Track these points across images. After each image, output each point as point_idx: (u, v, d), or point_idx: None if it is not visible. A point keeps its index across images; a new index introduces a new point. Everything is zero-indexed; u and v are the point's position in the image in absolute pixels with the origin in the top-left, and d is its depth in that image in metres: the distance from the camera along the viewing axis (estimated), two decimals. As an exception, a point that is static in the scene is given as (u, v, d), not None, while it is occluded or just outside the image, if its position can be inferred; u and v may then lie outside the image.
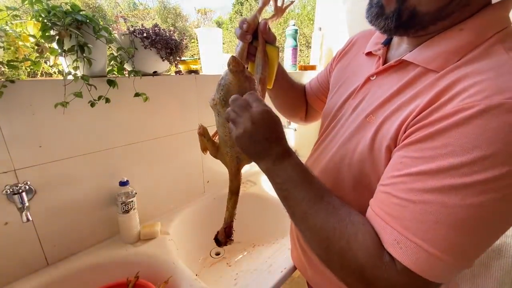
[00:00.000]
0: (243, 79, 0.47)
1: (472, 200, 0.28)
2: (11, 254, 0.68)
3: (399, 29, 0.39)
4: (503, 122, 0.27)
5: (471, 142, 0.28)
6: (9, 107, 0.61)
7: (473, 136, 0.28)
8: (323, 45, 1.62)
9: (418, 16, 0.36)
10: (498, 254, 0.77)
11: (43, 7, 0.61)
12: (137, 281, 0.70)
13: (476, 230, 0.29)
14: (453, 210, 0.29)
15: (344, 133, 0.47)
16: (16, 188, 0.63)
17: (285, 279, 0.75)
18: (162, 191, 0.98)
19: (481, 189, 0.28)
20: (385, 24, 0.39)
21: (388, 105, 0.40)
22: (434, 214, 0.30)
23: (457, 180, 0.29)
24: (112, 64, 0.80)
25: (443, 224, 0.29)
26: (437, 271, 0.30)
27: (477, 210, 0.29)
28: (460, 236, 0.29)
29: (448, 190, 0.29)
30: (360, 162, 0.42)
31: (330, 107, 0.57)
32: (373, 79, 0.46)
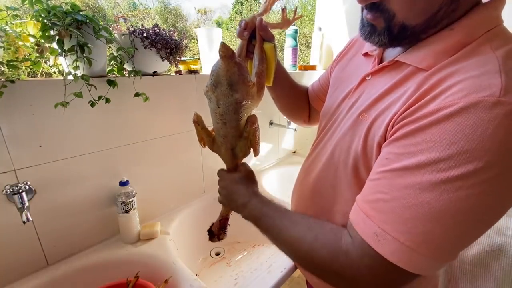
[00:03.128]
0: (232, 64, 0.48)
1: (448, 195, 0.29)
2: (11, 254, 0.68)
3: (393, 42, 0.41)
4: (479, 119, 0.28)
5: (449, 139, 0.29)
6: (9, 107, 0.62)
7: (451, 133, 0.29)
8: (323, 45, 1.62)
9: (408, 29, 0.38)
10: (498, 254, 0.77)
11: (43, 7, 0.61)
12: (137, 281, 0.70)
13: (453, 224, 0.30)
14: (429, 205, 0.30)
15: (340, 132, 0.49)
16: (16, 188, 0.63)
17: (285, 279, 0.75)
18: (162, 191, 0.98)
19: (458, 185, 0.29)
20: (379, 40, 0.41)
21: (379, 103, 0.41)
22: (412, 208, 0.31)
23: (434, 175, 0.30)
24: (112, 64, 0.80)
25: (420, 218, 0.31)
26: (414, 263, 0.31)
27: (453, 205, 0.29)
28: (436, 230, 0.30)
29: (426, 186, 0.30)
30: (354, 160, 0.43)
31: (328, 107, 0.58)
32: (369, 79, 0.47)
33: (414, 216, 0.31)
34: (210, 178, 1.14)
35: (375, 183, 0.36)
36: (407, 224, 0.31)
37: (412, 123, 0.33)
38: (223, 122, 0.55)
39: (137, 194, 0.85)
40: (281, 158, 1.54)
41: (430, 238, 0.31)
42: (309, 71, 1.55)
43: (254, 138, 0.55)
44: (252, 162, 1.33)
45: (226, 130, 0.55)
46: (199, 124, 0.62)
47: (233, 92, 0.51)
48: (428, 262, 0.31)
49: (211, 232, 0.66)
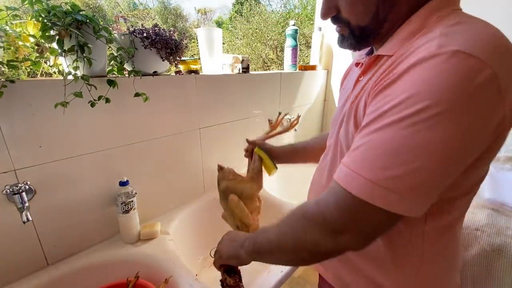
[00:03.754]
0: (220, 172, 0.77)
1: (402, 132, 0.34)
2: (11, 254, 0.68)
3: (361, 43, 0.49)
4: (421, 69, 0.34)
5: (401, 89, 0.36)
6: (9, 107, 0.62)
7: (402, 85, 0.36)
8: (323, 45, 1.63)
9: (365, 29, 0.46)
10: (498, 254, 0.77)
11: (43, 7, 0.61)
12: (137, 281, 0.70)
13: (408, 158, 0.34)
14: (387, 144, 0.35)
15: (344, 127, 0.54)
16: (16, 188, 0.63)
17: (285, 279, 0.76)
18: (162, 191, 0.98)
19: (409, 122, 0.34)
20: (349, 44, 0.50)
21: (363, 90, 0.48)
22: (373, 149, 0.37)
23: (390, 118, 0.35)
24: (112, 64, 0.80)
25: (380, 155, 0.36)
26: (376, 195, 0.35)
27: (407, 141, 0.34)
28: (393, 164, 0.35)
29: (384, 128, 0.36)
30: (352, 139, 0.49)
31: (334, 115, 0.64)
32: (361, 79, 0.53)
33: (374, 154, 0.36)
34: (210, 178, 1.14)
35: (355, 140, 0.42)
36: (370, 162, 0.36)
37: (377, 90, 0.40)
38: (223, 208, 0.76)
39: (137, 194, 0.85)
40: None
41: (389, 173, 0.34)
42: (309, 71, 1.55)
43: (237, 212, 0.69)
44: (252, 162, 1.33)
45: (226, 212, 0.75)
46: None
47: (220, 185, 0.75)
48: (389, 196, 0.35)
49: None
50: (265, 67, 7.08)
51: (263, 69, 7.06)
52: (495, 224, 0.84)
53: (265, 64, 7.12)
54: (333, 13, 0.48)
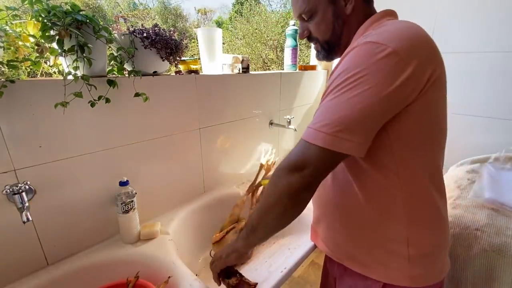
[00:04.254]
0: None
1: (334, 96, 0.49)
2: (11, 254, 0.68)
3: (330, 53, 0.66)
4: (351, 54, 0.50)
5: (339, 69, 0.51)
6: (9, 107, 0.62)
7: (340, 66, 0.52)
8: (323, 45, 1.62)
9: (329, 43, 0.64)
10: (498, 255, 0.77)
11: (43, 7, 0.61)
12: (137, 281, 0.70)
13: (334, 110, 0.49)
14: (326, 105, 0.50)
15: None
16: (16, 188, 0.63)
17: (285, 279, 0.76)
18: (162, 191, 0.98)
19: (337, 89, 0.49)
20: (322, 56, 0.68)
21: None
22: (320, 112, 0.51)
23: (332, 89, 0.50)
24: (112, 64, 0.80)
25: (323, 112, 0.50)
26: (316, 138, 0.49)
27: (338, 99, 0.49)
28: (326, 116, 0.49)
29: (329, 96, 0.51)
30: None
31: None
32: None
33: (320, 114, 0.51)
34: (210, 178, 1.15)
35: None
36: (317, 118, 0.50)
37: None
38: None
39: (137, 194, 0.85)
40: (282, 158, 1.54)
41: (326, 122, 0.48)
42: (309, 71, 1.55)
43: None
44: (252, 162, 1.33)
45: None
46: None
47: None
48: (327, 137, 0.47)
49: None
50: (265, 67, 7.08)
51: (263, 69, 7.06)
52: (495, 224, 0.84)
53: (265, 64, 7.12)
54: (307, 34, 0.66)
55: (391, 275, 0.59)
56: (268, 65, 7.09)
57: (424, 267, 0.59)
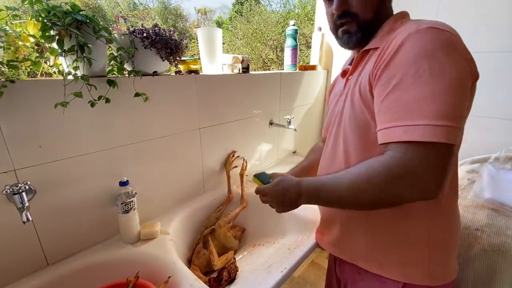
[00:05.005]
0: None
1: (423, 83, 0.45)
2: (11, 254, 0.68)
3: (364, 38, 0.61)
4: (413, 41, 0.48)
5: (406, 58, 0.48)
6: (9, 107, 0.62)
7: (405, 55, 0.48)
8: (323, 45, 1.63)
9: (368, 23, 0.60)
10: (498, 255, 0.77)
11: (43, 7, 0.61)
12: (137, 281, 0.70)
13: (443, 98, 0.44)
14: (417, 95, 0.45)
15: (346, 117, 0.63)
16: (16, 188, 0.63)
17: (285, 279, 0.75)
18: (162, 191, 0.98)
19: (425, 76, 0.45)
20: (356, 39, 0.62)
21: (361, 76, 0.60)
22: (413, 102, 0.46)
23: (409, 79, 0.46)
24: (112, 64, 0.80)
25: (418, 104, 0.45)
26: (433, 133, 0.43)
27: (426, 87, 0.45)
28: (435, 106, 0.44)
29: (409, 87, 0.46)
30: (362, 114, 0.58)
31: (327, 119, 0.78)
32: (350, 78, 0.66)
33: (416, 105, 0.45)
34: (210, 178, 1.15)
35: (383, 107, 0.50)
36: (417, 112, 0.45)
37: (382, 66, 0.51)
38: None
39: (137, 194, 0.85)
40: (281, 158, 1.54)
41: (442, 112, 0.43)
42: (309, 71, 1.55)
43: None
44: (252, 162, 1.33)
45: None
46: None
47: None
48: (449, 131, 0.43)
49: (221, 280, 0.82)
50: (265, 67, 7.08)
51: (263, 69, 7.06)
52: (495, 224, 0.84)
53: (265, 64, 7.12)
54: (345, 7, 0.60)
55: (410, 274, 0.59)
56: (268, 65, 7.09)
57: (442, 264, 0.59)
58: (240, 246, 1.02)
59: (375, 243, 0.62)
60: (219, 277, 0.80)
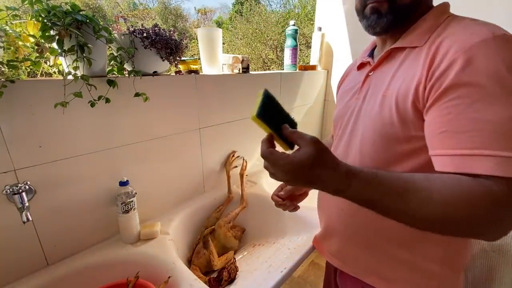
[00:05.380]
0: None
1: (500, 107, 0.38)
2: (11, 254, 0.68)
3: (395, 23, 0.53)
4: (492, 49, 0.40)
5: (482, 70, 0.39)
6: (9, 107, 0.62)
7: (481, 66, 0.39)
8: (323, 45, 1.62)
9: (405, 6, 0.51)
10: (498, 255, 0.77)
11: (43, 7, 0.61)
12: (137, 281, 0.70)
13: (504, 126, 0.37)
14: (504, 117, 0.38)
15: (366, 116, 0.57)
16: (16, 188, 0.63)
17: (285, 279, 0.75)
18: (162, 191, 0.98)
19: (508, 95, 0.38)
20: (386, 22, 0.53)
21: (395, 79, 0.52)
22: (502, 126, 0.37)
23: (490, 96, 0.38)
24: (112, 64, 0.80)
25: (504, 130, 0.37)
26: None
27: (502, 113, 0.38)
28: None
29: (490, 106, 0.38)
30: (391, 125, 0.50)
31: (338, 111, 0.69)
32: (371, 74, 0.59)
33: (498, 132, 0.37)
34: (210, 178, 1.14)
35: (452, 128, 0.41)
36: (500, 142, 0.37)
37: (445, 79, 0.42)
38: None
39: (137, 194, 0.85)
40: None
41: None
42: (309, 71, 1.55)
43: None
44: (252, 162, 1.33)
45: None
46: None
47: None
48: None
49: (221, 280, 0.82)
50: (265, 67, 7.08)
51: (263, 69, 7.06)
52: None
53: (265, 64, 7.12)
54: None
55: None
56: (268, 65, 7.09)
57: (452, 282, 0.57)
58: (240, 246, 1.02)
59: (385, 261, 0.58)
60: (219, 277, 0.80)
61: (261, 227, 1.07)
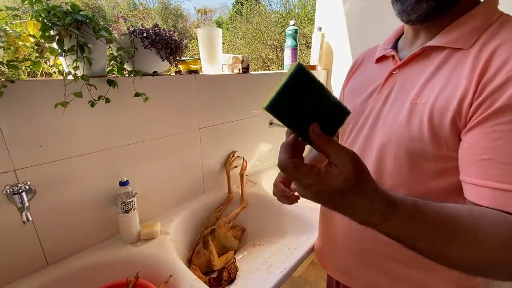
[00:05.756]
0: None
1: None
2: (11, 254, 0.68)
3: (437, 10, 0.43)
4: None
5: None
6: (9, 107, 0.62)
7: None
8: (323, 45, 1.62)
9: None
10: None
11: (43, 7, 0.61)
12: (137, 281, 0.70)
13: None
14: None
15: (387, 124, 0.49)
16: (16, 188, 0.63)
17: (285, 279, 0.75)
18: (162, 191, 0.98)
19: None
20: (425, 8, 0.43)
21: (430, 86, 0.44)
22: None
23: None
24: (112, 64, 0.80)
25: None
26: None
27: None
28: None
29: None
30: (419, 140, 0.44)
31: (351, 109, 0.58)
32: (396, 73, 0.51)
33: None
34: (210, 178, 1.14)
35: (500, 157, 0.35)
36: None
37: (493, 102, 0.36)
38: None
39: (137, 194, 0.85)
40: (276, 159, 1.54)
41: None
42: (309, 71, 1.55)
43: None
44: (252, 162, 1.33)
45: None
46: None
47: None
48: None
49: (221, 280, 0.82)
50: (265, 67, 7.08)
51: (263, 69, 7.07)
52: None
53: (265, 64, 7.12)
54: None
55: None
56: (268, 65, 7.09)
57: None
58: (240, 246, 1.02)
59: (396, 280, 0.54)
60: (219, 277, 0.80)
61: (261, 227, 1.07)
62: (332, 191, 0.29)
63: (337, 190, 0.29)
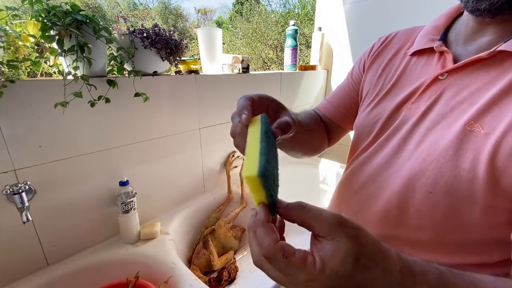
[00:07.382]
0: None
1: None
2: (11, 254, 0.68)
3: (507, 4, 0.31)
4: None
5: None
6: (9, 107, 0.61)
7: None
8: (323, 45, 1.62)
9: None
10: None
11: (43, 7, 0.61)
12: (137, 281, 0.70)
13: None
14: None
15: (423, 147, 0.38)
16: (16, 188, 0.63)
17: (285, 279, 0.75)
18: (162, 191, 0.98)
19: None
20: (504, 4, 0.31)
21: (497, 109, 0.32)
22: None
23: None
24: (112, 64, 0.80)
25: None
26: None
27: None
28: None
29: None
30: (469, 181, 0.33)
31: (374, 116, 0.46)
32: (444, 78, 0.38)
33: None
34: (210, 178, 1.14)
35: None
36: None
37: None
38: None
39: (137, 194, 0.85)
40: (281, 158, 1.54)
41: None
42: (309, 71, 1.55)
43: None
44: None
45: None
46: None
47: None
48: None
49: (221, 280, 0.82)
50: (265, 67, 7.08)
51: (263, 69, 7.06)
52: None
53: (265, 64, 7.12)
54: None
55: None
56: (268, 65, 7.09)
57: None
58: (240, 246, 1.02)
59: None
60: (219, 277, 0.80)
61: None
62: (338, 278, 0.22)
63: (341, 276, 0.23)
